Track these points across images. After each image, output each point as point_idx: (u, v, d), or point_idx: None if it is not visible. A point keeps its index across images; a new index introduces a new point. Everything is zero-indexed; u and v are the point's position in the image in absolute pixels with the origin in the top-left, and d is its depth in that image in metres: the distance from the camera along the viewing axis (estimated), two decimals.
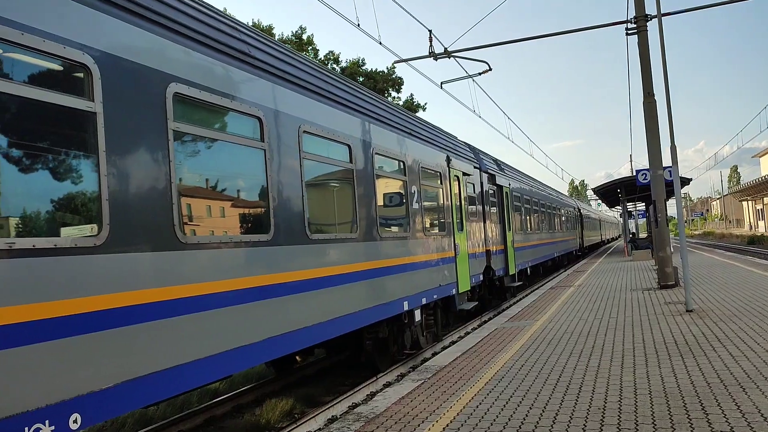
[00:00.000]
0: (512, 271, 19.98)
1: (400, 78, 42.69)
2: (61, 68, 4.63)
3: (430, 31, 19.39)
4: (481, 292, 17.41)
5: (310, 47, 38.80)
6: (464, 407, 6.70)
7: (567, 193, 70.56)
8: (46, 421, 4.09)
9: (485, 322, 16.06)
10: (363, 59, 41.79)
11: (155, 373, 5.09)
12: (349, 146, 9.30)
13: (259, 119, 6.99)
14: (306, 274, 7.71)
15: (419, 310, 11.80)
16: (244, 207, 7.02)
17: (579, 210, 49.33)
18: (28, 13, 4.28)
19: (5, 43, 4.14)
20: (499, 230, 18.99)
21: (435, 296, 12.38)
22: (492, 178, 18.82)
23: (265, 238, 6.93)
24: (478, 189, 16.99)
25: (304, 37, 38.80)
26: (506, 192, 20.38)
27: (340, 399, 9.32)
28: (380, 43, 17.20)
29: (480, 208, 16.99)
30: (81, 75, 4.71)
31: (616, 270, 26.61)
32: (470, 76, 22.56)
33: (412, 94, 47.18)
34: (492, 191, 18.70)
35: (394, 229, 11.02)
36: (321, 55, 39.89)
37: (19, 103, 4.26)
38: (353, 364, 11.88)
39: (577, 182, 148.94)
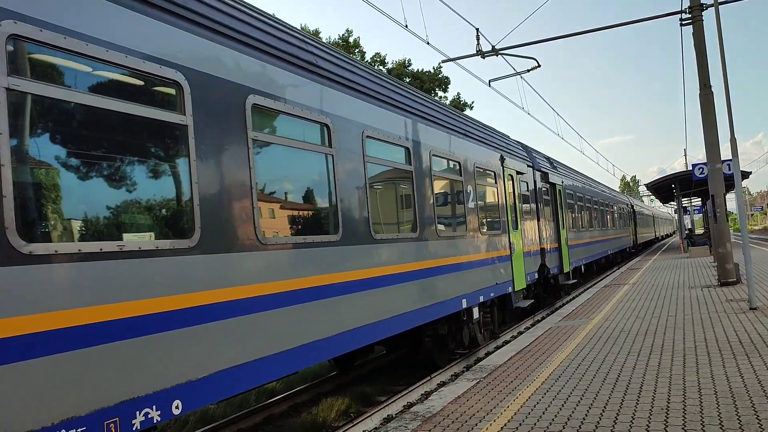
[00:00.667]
0: (566, 269, 19.98)
1: (447, 78, 42.63)
2: (157, 86, 5.05)
3: (478, 29, 19.28)
4: (536, 291, 17.50)
5: (357, 50, 39.03)
6: (521, 406, 6.67)
7: (618, 190, 69.09)
8: (153, 406, 4.55)
9: (538, 321, 15.90)
10: (409, 60, 41.92)
11: (243, 364, 5.50)
12: (407, 148, 9.55)
13: (327, 126, 7.33)
14: (370, 273, 8.09)
15: (477, 308, 12.02)
16: (315, 209, 7.39)
17: (632, 206, 48.71)
18: (132, 37, 4.73)
19: (112, 66, 4.58)
20: (552, 228, 19.04)
21: (492, 294, 12.61)
22: (545, 176, 18.80)
23: (334, 239, 7.29)
24: (531, 187, 17.05)
25: (351, 40, 39.05)
26: (559, 190, 20.40)
27: (395, 398, 9.38)
28: (428, 43, 17.22)
29: (534, 206, 17.04)
30: (174, 91, 5.16)
31: (671, 267, 25.95)
32: (518, 73, 22.35)
33: (458, 93, 46.94)
34: (545, 189, 18.72)
35: (452, 228, 11.17)
36: (368, 57, 40.12)
37: (123, 119, 4.69)
38: (408, 362, 12.10)
39: (628, 178, 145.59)
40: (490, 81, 21.70)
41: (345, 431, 8.15)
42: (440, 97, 41.91)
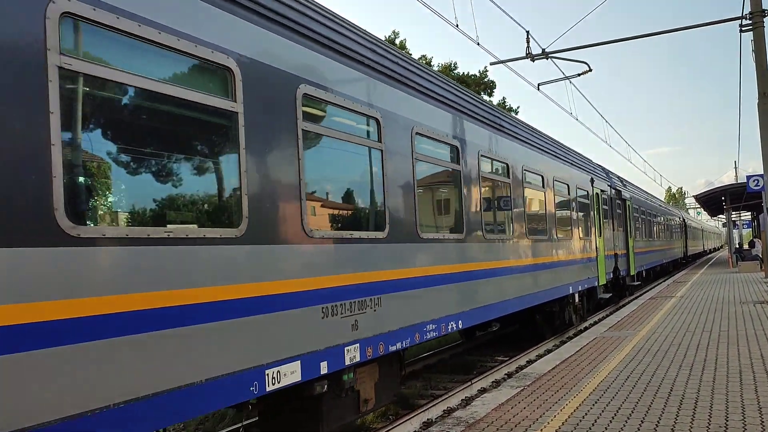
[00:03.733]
0: (633, 272, 23.34)
1: (492, 81, 42.19)
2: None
3: (528, 31, 18.99)
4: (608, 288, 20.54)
5: (403, 51, 38.92)
6: (569, 417, 6.45)
7: (664, 201, 68.00)
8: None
9: (581, 331, 15.51)
10: (455, 63, 41.60)
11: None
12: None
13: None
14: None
15: (577, 294, 15.72)
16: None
17: (683, 220, 50.58)
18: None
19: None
20: (622, 237, 22.24)
21: (585, 285, 16.20)
22: (618, 193, 22.06)
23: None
24: (609, 202, 20.39)
25: (397, 41, 38.97)
26: (628, 204, 23.68)
27: (435, 402, 9.21)
28: (478, 44, 17.01)
29: (611, 218, 20.41)
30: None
31: (720, 282, 25.14)
32: (567, 78, 21.96)
33: (504, 98, 46.49)
34: (618, 203, 22.00)
35: (564, 233, 14.79)
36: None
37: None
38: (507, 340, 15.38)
39: (674, 189, 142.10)
40: (539, 84, 21.37)
41: None
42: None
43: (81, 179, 4.07)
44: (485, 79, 41.82)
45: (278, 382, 5.26)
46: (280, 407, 6.54)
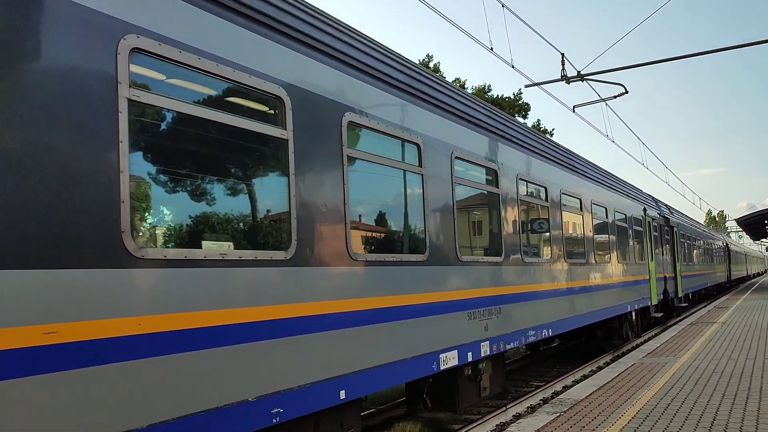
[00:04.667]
0: (680, 294, 25.06)
1: (527, 104, 42.10)
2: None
3: (563, 54, 18.87)
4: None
5: (440, 76, 39.08)
6: None
7: (704, 224, 66.80)
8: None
9: (619, 357, 15.18)
10: (489, 85, 41.62)
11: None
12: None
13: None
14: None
15: (633, 313, 17.55)
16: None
17: (726, 244, 51.11)
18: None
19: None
20: (670, 261, 23.93)
21: (640, 305, 17.95)
22: (666, 220, 23.72)
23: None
24: (659, 229, 22.15)
25: (431, 65, 39.18)
26: (675, 231, 25.33)
27: (470, 428, 9.08)
28: (513, 67, 16.98)
29: (660, 243, 22.22)
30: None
31: (764, 307, 24.41)
32: (603, 100, 21.74)
33: (538, 120, 46.30)
34: (666, 230, 23.64)
35: (624, 257, 16.75)
36: None
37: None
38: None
39: (715, 213, 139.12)
40: (574, 107, 21.19)
41: None
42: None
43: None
44: (520, 101, 41.75)
45: (446, 364, 7.35)
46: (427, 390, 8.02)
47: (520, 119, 41.59)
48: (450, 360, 7.42)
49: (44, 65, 3.62)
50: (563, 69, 19.40)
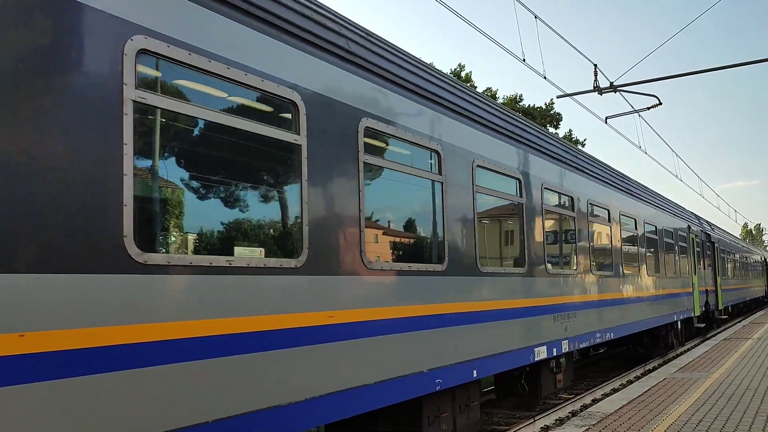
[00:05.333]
0: (720, 306, 26.30)
1: (559, 114, 41.79)
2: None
3: (596, 65, 18.72)
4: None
5: (468, 84, 39.07)
6: None
7: (740, 237, 65.40)
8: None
9: (650, 371, 14.96)
10: (521, 95, 41.42)
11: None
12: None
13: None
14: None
15: (679, 322, 18.80)
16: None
17: (765, 259, 52.10)
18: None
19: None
20: (711, 275, 25.09)
21: (684, 315, 19.20)
22: (708, 236, 25.01)
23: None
24: (701, 245, 23.55)
25: (463, 74, 39.16)
26: (716, 246, 26.66)
27: None
28: (545, 78, 16.93)
29: (702, 258, 23.51)
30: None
31: None
32: (636, 111, 21.49)
33: (570, 130, 45.94)
34: (708, 245, 24.97)
35: (673, 270, 18.41)
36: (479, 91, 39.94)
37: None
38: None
39: (751, 225, 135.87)
40: (606, 118, 21.01)
41: None
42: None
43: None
44: (551, 112, 41.47)
45: (539, 357, 8.93)
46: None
47: (552, 129, 41.32)
48: (541, 354, 9.02)
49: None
50: (596, 80, 19.21)
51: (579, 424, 8.05)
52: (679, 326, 19.09)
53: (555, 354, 9.48)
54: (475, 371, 7.22)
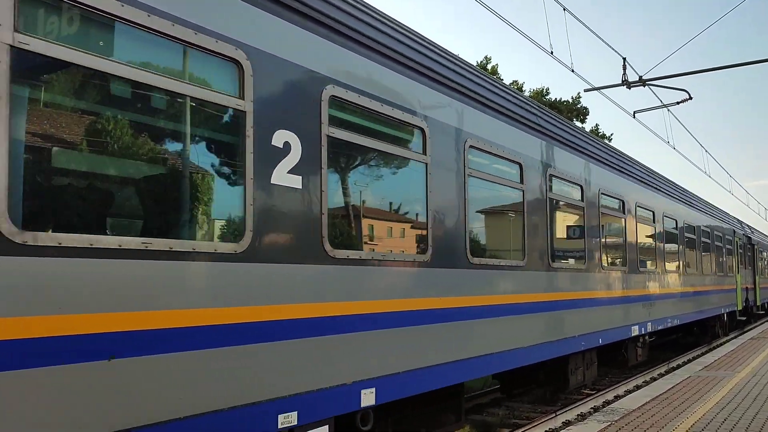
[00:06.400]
0: (758, 302, 29.36)
1: (585, 108, 41.40)
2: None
3: (624, 58, 18.51)
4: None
5: (495, 77, 38.79)
6: None
7: None
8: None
9: (674, 369, 14.84)
10: (547, 89, 41.08)
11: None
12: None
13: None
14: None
15: (725, 315, 22.08)
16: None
17: None
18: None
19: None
20: (750, 273, 27.70)
21: (729, 309, 22.38)
22: (749, 239, 27.75)
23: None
24: (743, 247, 26.37)
25: (489, 66, 38.94)
26: (756, 248, 29.35)
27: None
28: (572, 71, 16.78)
29: (744, 258, 26.31)
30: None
31: None
32: (665, 106, 21.21)
33: (597, 125, 45.50)
34: (748, 247, 27.67)
35: (721, 269, 21.44)
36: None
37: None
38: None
39: None
40: (634, 112, 20.76)
41: None
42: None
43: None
44: (578, 105, 41.10)
45: (634, 333, 12.19)
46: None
47: (579, 123, 40.94)
48: (635, 330, 12.28)
49: None
50: (624, 73, 19.01)
51: (601, 419, 8.03)
52: (725, 318, 22.19)
53: (642, 332, 12.79)
54: (600, 339, 10.52)
